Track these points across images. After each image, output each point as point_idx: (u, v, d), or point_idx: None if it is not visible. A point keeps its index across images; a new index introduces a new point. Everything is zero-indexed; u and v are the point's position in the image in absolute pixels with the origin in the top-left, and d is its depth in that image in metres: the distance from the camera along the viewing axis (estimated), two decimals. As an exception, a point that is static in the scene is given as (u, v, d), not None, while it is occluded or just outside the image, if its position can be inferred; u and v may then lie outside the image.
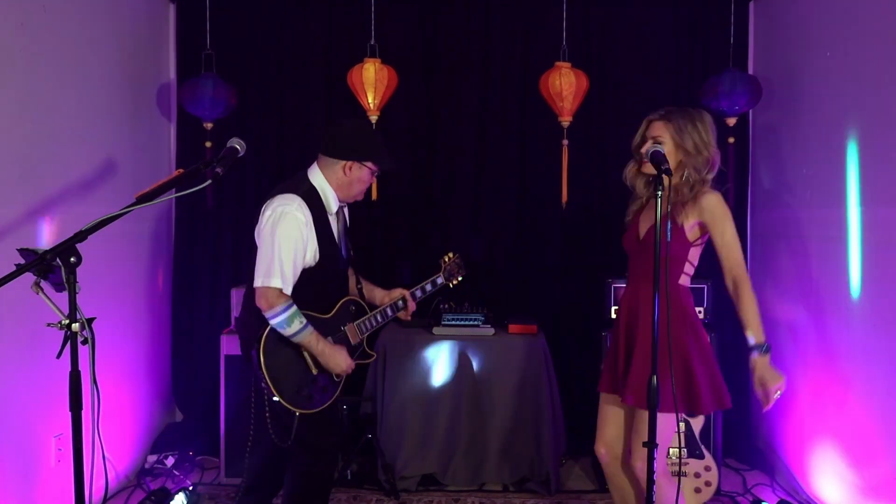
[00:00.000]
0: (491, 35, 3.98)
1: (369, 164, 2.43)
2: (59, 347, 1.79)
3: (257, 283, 2.30)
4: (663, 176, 2.01)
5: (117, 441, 3.37)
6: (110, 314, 3.27)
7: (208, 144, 3.66)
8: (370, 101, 3.46)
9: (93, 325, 1.80)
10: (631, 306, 2.43)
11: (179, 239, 3.98)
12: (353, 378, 3.77)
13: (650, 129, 2.36)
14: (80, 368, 1.81)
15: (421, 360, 3.46)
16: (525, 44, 3.95)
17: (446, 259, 2.84)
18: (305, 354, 2.41)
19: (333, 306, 2.52)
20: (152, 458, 3.69)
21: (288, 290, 2.31)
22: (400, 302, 2.67)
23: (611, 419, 2.50)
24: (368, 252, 4.00)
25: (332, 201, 2.44)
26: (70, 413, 1.82)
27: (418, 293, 2.74)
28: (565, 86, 3.44)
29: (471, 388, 3.44)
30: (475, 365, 3.45)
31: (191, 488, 3.34)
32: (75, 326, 1.77)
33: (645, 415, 2.25)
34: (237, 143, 2.33)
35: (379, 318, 2.63)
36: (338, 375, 2.49)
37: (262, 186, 3.56)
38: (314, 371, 2.42)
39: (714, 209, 2.32)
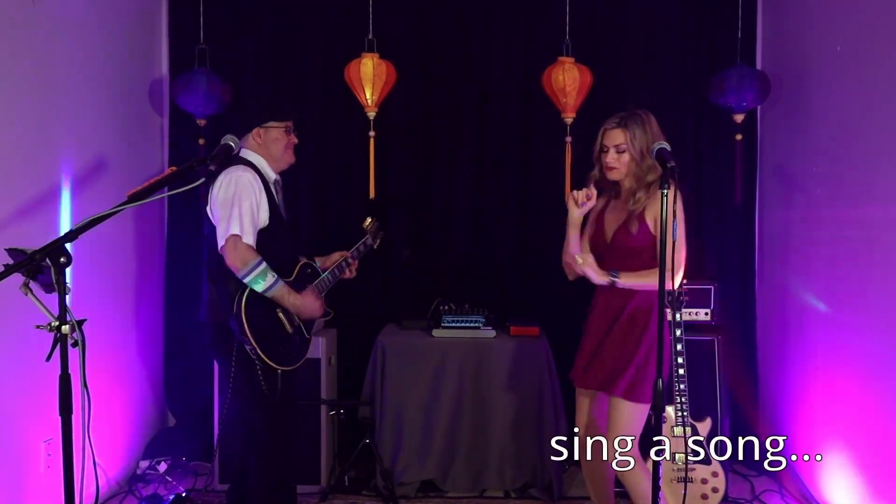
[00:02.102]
0: (492, 29, 3.97)
1: (271, 123, 2.62)
2: (49, 350, 1.79)
3: (223, 239, 2.46)
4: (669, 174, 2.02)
5: (108, 446, 3.36)
6: (101, 316, 3.27)
7: (201, 141, 3.66)
8: (368, 97, 3.46)
9: (83, 327, 1.80)
10: (609, 303, 2.58)
11: (172, 238, 3.98)
12: (350, 381, 3.81)
13: (607, 137, 2.54)
14: (70, 372, 1.81)
15: (420, 363, 3.46)
16: (527, 38, 3.95)
17: (367, 224, 3.12)
18: (280, 314, 2.58)
19: (293, 269, 2.70)
20: (144, 464, 3.68)
21: (253, 243, 2.48)
22: (343, 262, 2.90)
23: (583, 408, 2.70)
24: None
25: (268, 170, 2.65)
26: (60, 417, 1.82)
27: (355, 253, 2.99)
28: (568, 81, 3.44)
29: (471, 392, 3.44)
30: (475, 368, 3.45)
31: (184, 494, 3.34)
32: (65, 328, 1.77)
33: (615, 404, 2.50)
34: (231, 140, 2.35)
35: (330, 277, 2.85)
36: (309, 322, 2.72)
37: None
38: (289, 329, 2.62)
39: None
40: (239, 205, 2.46)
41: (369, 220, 3.13)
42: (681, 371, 3.09)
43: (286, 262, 2.67)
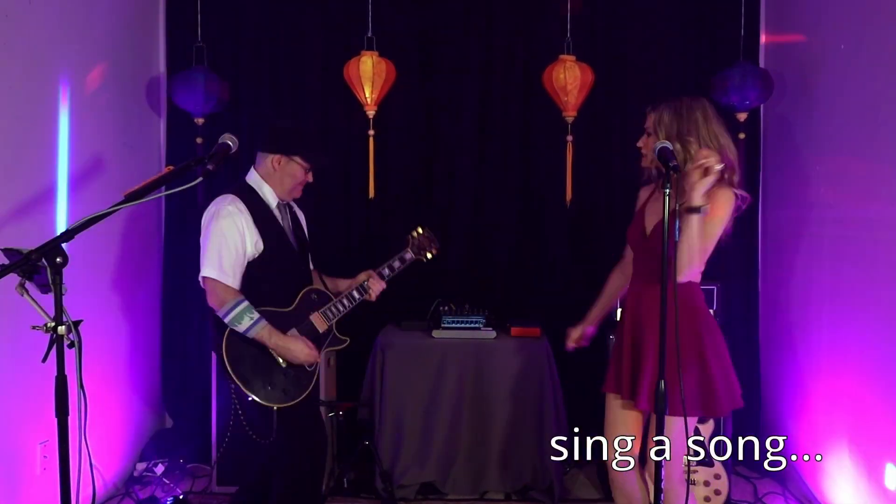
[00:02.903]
0: (492, 27, 3.97)
1: (297, 158, 2.55)
2: (45, 351, 1.79)
3: (201, 278, 2.45)
4: (671, 173, 2.01)
5: (105, 448, 3.37)
6: (98, 316, 3.27)
7: (199, 140, 3.66)
8: (367, 95, 3.46)
9: (79, 328, 1.80)
10: (635, 306, 2.43)
11: (169, 238, 3.98)
12: (349, 382, 3.81)
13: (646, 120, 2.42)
14: (66, 373, 1.81)
15: (420, 364, 3.46)
16: (528, 36, 3.95)
17: (415, 234, 2.91)
18: (271, 349, 2.49)
19: (294, 298, 2.60)
20: (141, 466, 3.68)
21: (232, 283, 2.43)
22: (365, 283, 2.75)
23: (619, 422, 2.47)
24: (364, 252, 4.00)
25: (269, 196, 2.58)
26: (56, 419, 1.82)
27: (385, 272, 2.83)
28: (570, 80, 3.44)
29: (471, 393, 3.44)
30: (476, 369, 3.45)
31: (181, 497, 3.34)
32: (61, 329, 1.77)
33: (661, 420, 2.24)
34: (229, 140, 2.34)
35: (345, 302, 2.71)
36: (309, 365, 2.56)
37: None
38: (283, 364, 2.50)
39: (721, 203, 2.29)
40: (216, 243, 2.44)
41: (420, 230, 2.91)
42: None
43: (287, 290, 2.59)
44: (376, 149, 3.63)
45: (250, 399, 2.43)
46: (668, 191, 1.98)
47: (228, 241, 2.44)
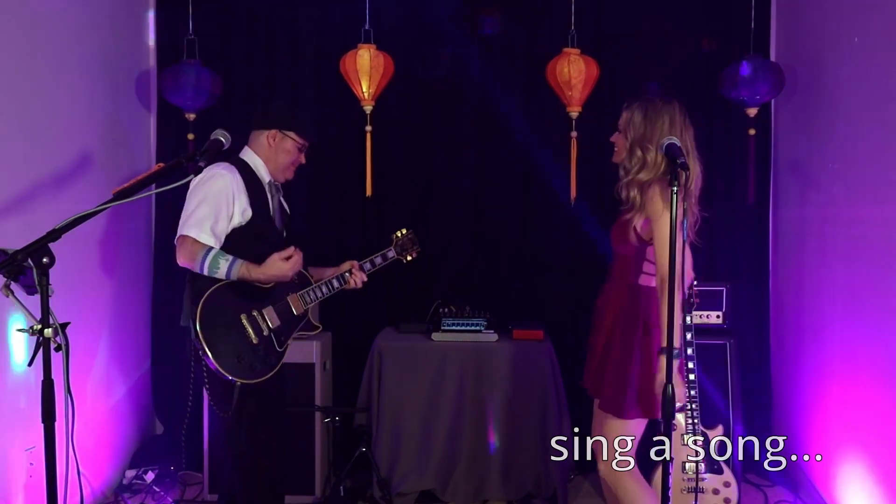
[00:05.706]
0: (494, 19, 3.97)
1: (291, 134, 2.64)
2: (31, 354, 1.79)
3: (177, 237, 2.48)
4: (678, 170, 2.02)
5: (93, 455, 3.37)
6: (86, 319, 3.27)
7: (191, 136, 3.66)
8: (364, 90, 3.46)
9: (67, 331, 1.80)
10: (599, 304, 2.63)
11: (160, 238, 3.98)
12: (346, 387, 3.81)
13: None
14: (53, 377, 1.81)
15: (419, 369, 3.46)
16: (530, 29, 3.95)
17: (398, 234, 3.02)
18: (244, 322, 2.52)
19: None
20: (131, 474, 3.69)
21: (209, 243, 2.46)
22: (347, 273, 2.81)
23: (597, 420, 2.64)
24: (361, 252, 4.00)
25: (262, 172, 2.66)
26: (42, 425, 1.82)
27: (367, 266, 2.90)
28: (574, 74, 3.44)
29: (472, 398, 3.44)
30: (477, 373, 3.45)
31: (172, 505, 3.36)
32: (48, 332, 1.77)
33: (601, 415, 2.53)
34: (221, 136, 2.35)
35: (324, 289, 2.78)
36: (284, 333, 2.61)
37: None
38: (254, 339, 2.53)
39: (651, 202, 2.38)
40: (200, 204, 2.46)
41: (404, 230, 3.03)
42: (691, 377, 3.09)
43: None
44: (373, 145, 3.63)
45: (215, 368, 2.44)
46: (675, 188, 1.99)
47: (214, 204, 2.47)
